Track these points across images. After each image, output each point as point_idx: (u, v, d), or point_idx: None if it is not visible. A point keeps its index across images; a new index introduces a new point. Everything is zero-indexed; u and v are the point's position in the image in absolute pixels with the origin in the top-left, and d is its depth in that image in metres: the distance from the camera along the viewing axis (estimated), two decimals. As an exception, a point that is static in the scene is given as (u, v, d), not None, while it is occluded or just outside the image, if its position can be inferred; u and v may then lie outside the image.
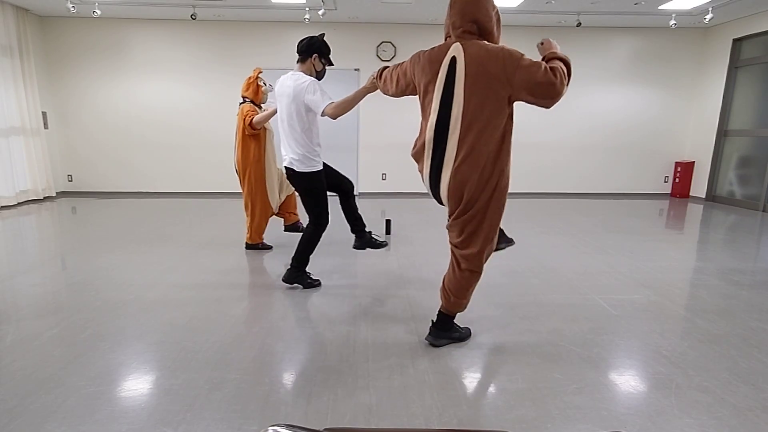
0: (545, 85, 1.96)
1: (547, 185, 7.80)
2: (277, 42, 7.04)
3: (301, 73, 2.94)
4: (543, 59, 2.13)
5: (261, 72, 3.87)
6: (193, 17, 6.46)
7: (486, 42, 2.07)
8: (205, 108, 7.21)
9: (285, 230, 4.26)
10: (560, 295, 3.14)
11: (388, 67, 2.50)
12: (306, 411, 1.84)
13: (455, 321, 2.45)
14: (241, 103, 3.83)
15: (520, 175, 7.71)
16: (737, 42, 6.82)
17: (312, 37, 2.98)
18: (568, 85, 2.03)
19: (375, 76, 2.53)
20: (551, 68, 1.98)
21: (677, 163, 7.68)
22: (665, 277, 3.52)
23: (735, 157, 7.02)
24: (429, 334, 2.43)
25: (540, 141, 7.61)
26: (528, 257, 4.02)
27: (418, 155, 2.25)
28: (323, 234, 3.12)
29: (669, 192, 7.87)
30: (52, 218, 5.65)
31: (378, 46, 7.15)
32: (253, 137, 3.78)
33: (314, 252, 3.15)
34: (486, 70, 1.99)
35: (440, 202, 2.25)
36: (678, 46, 7.38)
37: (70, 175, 7.38)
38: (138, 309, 2.82)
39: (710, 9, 6.13)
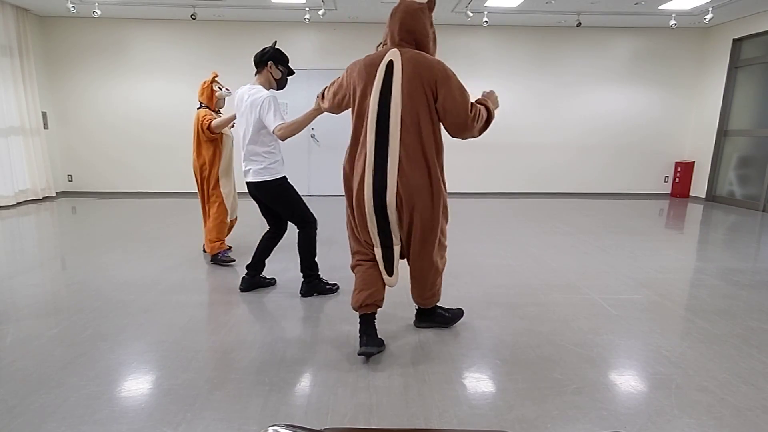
0: (459, 113, 2.07)
1: (546, 186, 7.80)
2: (278, 42, 7.03)
3: (259, 86, 2.91)
4: (476, 100, 2.23)
5: (217, 76, 3.72)
6: (193, 17, 6.47)
7: (423, 52, 2.15)
8: (205, 108, 7.21)
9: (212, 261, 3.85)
10: (560, 295, 3.14)
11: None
12: (306, 411, 1.84)
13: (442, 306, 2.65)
14: (197, 108, 3.66)
15: (519, 176, 7.75)
16: (737, 42, 6.82)
17: (264, 48, 3.00)
18: (479, 130, 2.16)
19: (319, 96, 2.51)
20: (472, 104, 2.10)
21: (677, 163, 7.68)
22: (665, 277, 3.52)
23: (735, 157, 7.02)
24: (415, 318, 2.64)
25: (539, 141, 7.61)
26: (528, 257, 4.02)
27: (355, 162, 2.21)
28: (317, 232, 3.09)
29: (669, 192, 7.87)
30: (52, 218, 5.65)
31: (378, 46, 7.13)
32: (211, 141, 3.63)
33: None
34: (419, 74, 2.06)
35: (380, 216, 2.15)
36: (678, 46, 7.38)
37: (70, 175, 7.38)
38: (138, 309, 2.82)
39: (710, 9, 6.13)
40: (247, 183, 2.98)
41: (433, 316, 2.60)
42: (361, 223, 2.23)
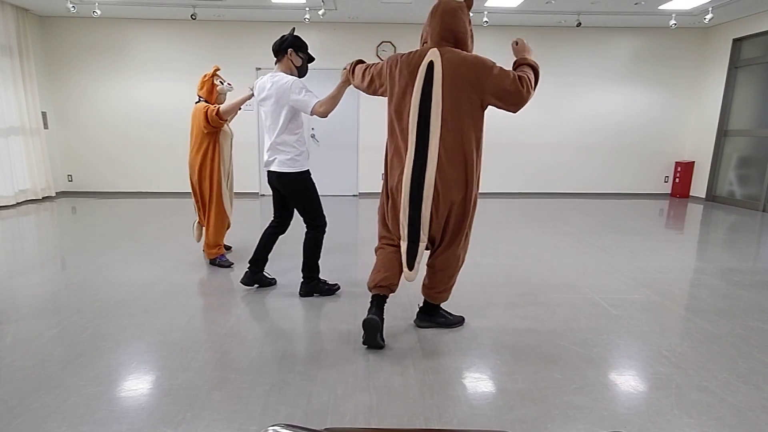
0: (512, 93, 2.13)
1: (546, 185, 7.80)
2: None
3: (281, 74, 2.85)
4: (515, 62, 2.27)
5: (218, 70, 3.58)
6: (193, 17, 6.47)
7: (461, 50, 2.22)
8: (205, 108, 7.21)
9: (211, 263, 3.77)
10: (560, 295, 3.14)
11: (362, 61, 2.60)
12: (306, 411, 1.84)
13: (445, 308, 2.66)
14: (196, 102, 3.55)
15: (519, 176, 7.74)
16: (737, 42, 6.82)
17: (282, 36, 2.93)
18: (534, 90, 2.19)
19: (348, 68, 2.59)
20: (519, 77, 2.14)
21: (677, 163, 7.68)
22: (665, 277, 3.52)
23: (735, 157, 7.02)
24: (416, 317, 2.65)
25: (539, 141, 7.61)
26: (528, 257, 4.02)
27: (393, 157, 2.32)
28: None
29: (669, 192, 7.86)
30: (52, 218, 5.65)
31: (378, 46, 7.14)
32: (210, 136, 3.48)
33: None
34: (461, 74, 2.13)
35: (414, 209, 2.24)
36: (678, 46, 7.38)
37: (70, 175, 7.38)
38: (138, 309, 2.82)
39: (710, 9, 6.13)
40: (269, 172, 2.95)
41: (436, 317, 2.61)
42: (393, 215, 2.34)
